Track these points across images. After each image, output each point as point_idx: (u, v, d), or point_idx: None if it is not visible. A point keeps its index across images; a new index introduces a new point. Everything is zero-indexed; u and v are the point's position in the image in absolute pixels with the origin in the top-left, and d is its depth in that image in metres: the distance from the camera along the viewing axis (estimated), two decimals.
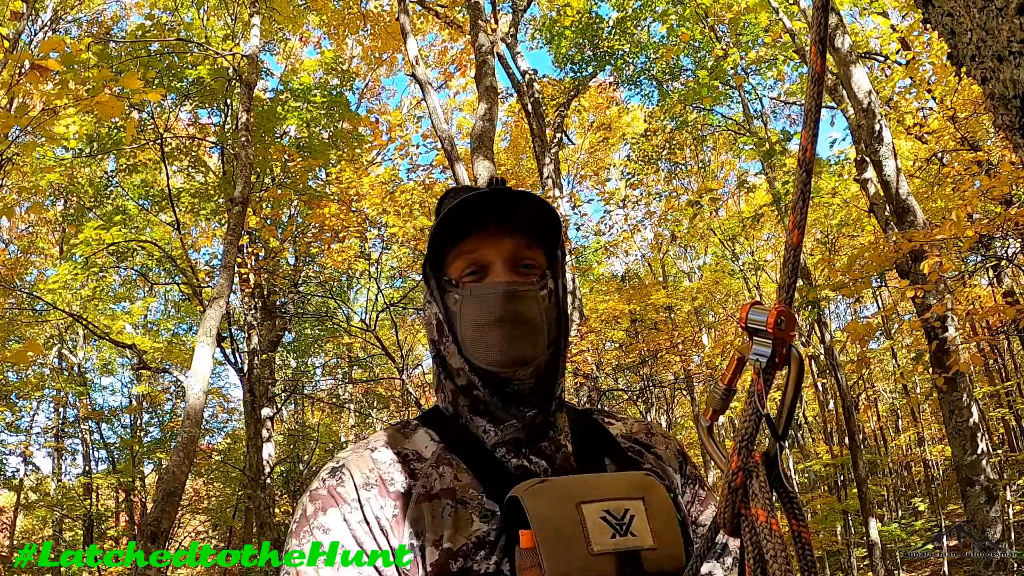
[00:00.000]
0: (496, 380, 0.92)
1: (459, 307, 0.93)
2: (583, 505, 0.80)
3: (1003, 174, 5.96)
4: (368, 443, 0.95)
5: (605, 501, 0.81)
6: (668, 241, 18.10)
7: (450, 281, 0.95)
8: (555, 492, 0.81)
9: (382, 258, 11.00)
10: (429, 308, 0.98)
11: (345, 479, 0.90)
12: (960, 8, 1.17)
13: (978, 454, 5.65)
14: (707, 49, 10.68)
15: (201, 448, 13.40)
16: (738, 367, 0.73)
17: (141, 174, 11.51)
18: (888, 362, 17.27)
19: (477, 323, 0.91)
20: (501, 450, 0.92)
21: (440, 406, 1.00)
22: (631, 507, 0.81)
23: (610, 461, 0.97)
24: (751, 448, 0.66)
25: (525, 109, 11.18)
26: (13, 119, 4.61)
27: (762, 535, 0.63)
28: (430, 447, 0.93)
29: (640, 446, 1.02)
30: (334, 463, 0.93)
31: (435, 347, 0.98)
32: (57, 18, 11.53)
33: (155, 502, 6.50)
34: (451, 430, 0.95)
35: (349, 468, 0.91)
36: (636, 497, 0.82)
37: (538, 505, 0.79)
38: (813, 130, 0.69)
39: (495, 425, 0.93)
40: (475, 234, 0.93)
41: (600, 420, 1.05)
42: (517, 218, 0.93)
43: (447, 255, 0.96)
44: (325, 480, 0.91)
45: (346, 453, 0.94)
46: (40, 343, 13.21)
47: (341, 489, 0.89)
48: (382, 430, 0.99)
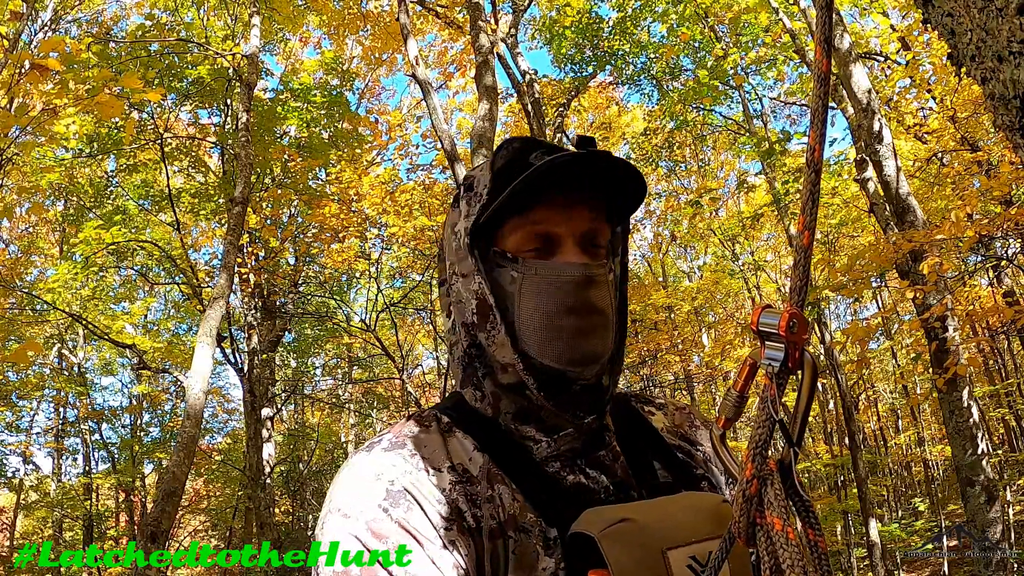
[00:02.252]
0: (561, 380, 0.77)
1: (518, 288, 0.76)
2: (669, 552, 0.71)
3: (1003, 174, 5.96)
4: (415, 455, 0.75)
5: (691, 545, 0.72)
6: (668, 241, 18.11)
7: (505, 255, 0.77)
8: (638, 536, 0.70)
9: (382, 258, 11.01)
10: (465, 285, 0.79)
11: (414, 509, 0.70)
12: (960, 8, 1.17)
13: (978, 454, 5.65)
14: (707, 49, 10.68)
15: (201, 448, 13.40)
16: (750, 373, 0.71)
17: (141, 174, 11.51)
18: (888, 362, 17.28)
19: (545, 310, 0.76)
20: (555, 464, 0.78)
21: (472, 404, 0.82)
22: (715, 549, 0.73)
23: (660, 466, 0.85)
24: (765, 455, 0.64)
25: (525, 109, 11.17)
26: (13, 119, 4.61)
27: (778, 544, 0.61)
28: (476, 460, 0.77)
29: (687, 443, 0.91)
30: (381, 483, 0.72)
31: (470, 335, 0.80)
32: (57, 18, 11.52)
33: (155, 502, 6.50)
34: (494, 439, 0.79)
35: (414, 493, 0.71)
36: (718, 535, 0.72)
37: (621, 555, 0.68)
38: (821, 130, 0.68)
39: (547, 435, 0.79)
40: (546, 202, 0.76)
41: (640, 409, 0.92)
42: (597, 186, 0.78)
43: (504, 223, 0.78)
44: (388, 509, 0.70)
45: (394, 467, 0.73)
46: (40, 343, 13.21)
47: (418, 523, 0.70)
48: (409, 429, 0.79)
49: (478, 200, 0.78)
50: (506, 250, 0.78)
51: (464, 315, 0.80)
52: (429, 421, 0.81)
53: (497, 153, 0.80)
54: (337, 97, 10.98)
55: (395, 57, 14.81)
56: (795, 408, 0.65)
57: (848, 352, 12.55)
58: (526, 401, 0.79)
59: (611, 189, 0.78)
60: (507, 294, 0.77)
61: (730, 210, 16.31)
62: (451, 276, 0.81)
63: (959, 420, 5.72)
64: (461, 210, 0.80)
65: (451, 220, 0.82)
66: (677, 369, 15.11)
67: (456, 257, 0.80)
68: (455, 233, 0.81)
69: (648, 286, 15.28)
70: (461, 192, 0.81)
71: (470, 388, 0.82)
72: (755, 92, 12.08)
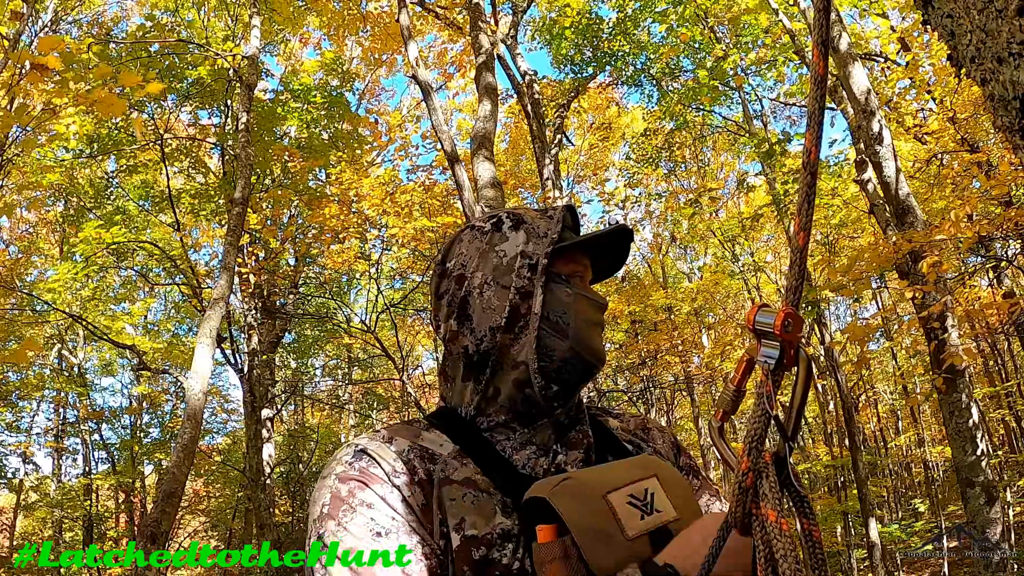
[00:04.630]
0: (586, 370, 0.97)
1: (574, 301, 0.98)
2: (610, 495, 0.83)
3: (1002, 173, 5.97)
4: (381, 435, 0.94)
5: (627, 486, 0.85)
6: (668, 242, 18.12)
7: (562, 276, 0.99)
8: (580, 488, 0.82)
9: (382, 259, 11.01)
10: (499, 294, 0.97)
11: (374, 463, 0.88)
12: (960, 9, 1.17)
13: (978, 455, 5.65)
14: (707, 50, 10.69)
15: (201, 449, 13.39)
16: (747, 369, 0.74)
17: (141, 175, 11.52)
18: (888, 363, 17.28)
19: (588, 320, 0.98)
20: (526, 451, 0.94)
21: (456, 405, 1.00)
22: (649, 485, 0.87)
23: (612, 458, 0.99)
24: (761, 449, 0.67)
25: (525, 110, 11.18)
26: (13, 119, 4.61)
27: (772, 535, 0.64)
28: (445, 446, 0.93)
29: (639, 440, 1.08)
30: (353, 448, 0.91)
31: (493, 336, 0.96)
32: (57, 19, 11.53)
33: (155, 502, 6.50)
34: (468, 435, 0.95)
35: (373, 454, 0.89)
36: (650, 475, 0.88)
37: (569, 505, 0.80)
38: (817, 132, 0.69)
39: (524, 425, 0.95)
40: (583, 251, 1.03)
41: (597, 415, 1.09)
42: (605, 253, 1.07)
43: (559, 257, 1.01)
44: (352, 463, 0.89)
45: (362, 441, 0.93)
46: (40, 343, 13.21)
47: (374, 470, 0.88)
48: (388, 426, 0.97)
49: (543, 237, 0.99)
50: (562, 274, 1.00)
51: (492, 319, 0.96)
52: (412, 422, 0.99)
53: (551, 211, 1.05)
54: (337, 98, 10.99)
55: (395, 58, 14.82)
56: (790, 403, 0.68)
57: (848, 353, 12.55)
58: (521, 394, 0.95)
59: (612, 260, 1.09)
60: (564, 304, 0.97)
61: (730, 211, 16.30)
62: (483, 285, 0.98)
63: (959, 421, 5.72)
64: (516, 238, 1.00)
65: (493, 241, 1.00)
66: (677, 370, 15.10)
67: (497, 272, 0.98)
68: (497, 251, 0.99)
69: (648, 287, 15.28)
70: (508, 224, 1.02)
71: (471, 383, 0.98)
72: (755, 93, 12.09)
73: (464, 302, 0.98)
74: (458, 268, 1.00)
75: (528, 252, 0.98)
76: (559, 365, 0.95)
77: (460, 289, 0.99)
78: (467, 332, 0.97)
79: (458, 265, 1.00)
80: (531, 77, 10.86)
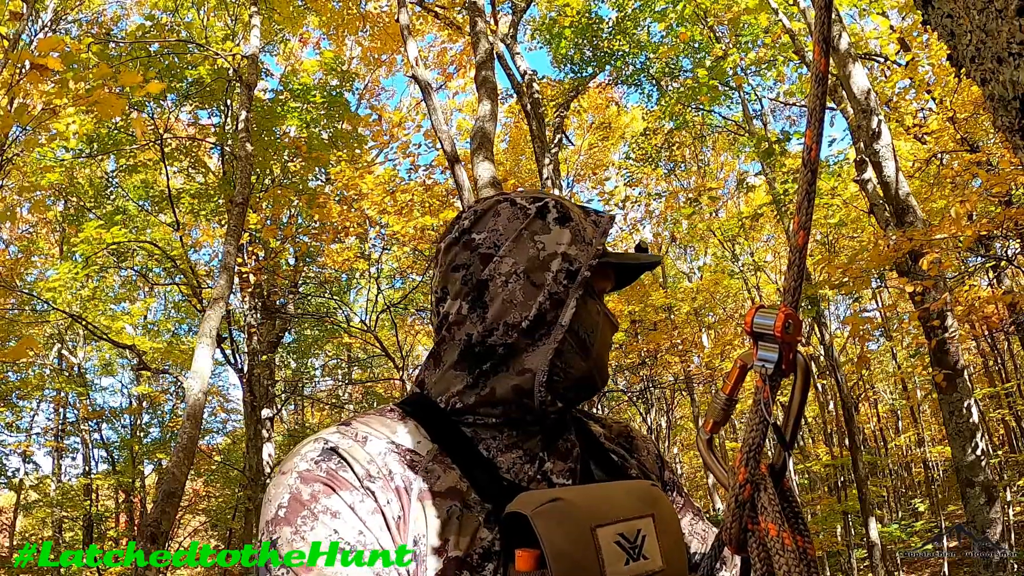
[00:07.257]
0: (595, 393, 0.95)
1: (601, 319, 0.94)
2: (598, 530, 0.76)
3: (1003, 172, 5.97)
4: (353, 432, 0.83)
5: (619, 523, 0.78)
6: (667, 242, 18.11)
7: (595, 292, 0.95)
8: (568, 514, 0.75)
9: (382, 258, 11.01)
10: (527, 292, 0.87)
11: (344, 466, 0.78)
12: (960, 9, 1.17)
13: (978, 455, 5.65)
14: (706, 50, 10.69)
15: (201, 448, 13.39)
16: (740, 376, 0.70)
17: (141, 174, 11.52)
18: (888, 363, 17.29)
19: (607, 343, 0.96)
20: (511, 455, 0.87)
21: (431, 393, 0.91)
22: (643, 527, 0.79)
23: (595, 466, 0.94)
24: (758, 459, 0.64)
25: (524, 110, 11.17)
26: (13, 119, 4.61)
27: (774, 550, 0.60)
28: (424, 444, 0.85)
29: (623, 450, 1.03)
30: (321, 444, 0.81)
31: (506, 334, 0.87)
32: (57, 18, 11.53)
33: (155, 502, 6.50)
34: (446, 430, 0.87)
35: (344, 454, 0.80)
36: (647, 515, 0.81)
37: (552, 532, 0.73)
38: (818, 129, 0.68)
39: (513, 428, 0.88)
40: (610, 271, 1.00)
41: (582, 419, 1.03)
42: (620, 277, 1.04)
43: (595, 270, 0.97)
44: (319, 462, 0.78)
45: (332, 437, 0.82)
46: (40, 343, 13.22)
47: (344, 474, 0.78)
48: (360, 418, 0.87)
49: (588, 245, 0.93)
50: (596, 289, 0.95)
51: (511, 315, 0.87)
52: (385, 411, 0.90)
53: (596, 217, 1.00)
54: (337, 97, 10.98)
55: (394, 58, 14.82)
56: (787, 410, 0.65)
57: (848, 352, 12.55)
58: (518, 401, 0.87)
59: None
60: (593, 322, 0.92)
61: (730, 211, 16.31)
62: (511, 275, 0.88)
63: (959, 421, 5.72)
64: (560, 235, 0.91)
65: (533, 228, 0.91)
66: (677, 370, 15.11)
67: (531, 265, 0.89)
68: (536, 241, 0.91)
69: (647, 286, 15.27)
70: (554, 215, 0.93)
71: (464, 374, 0.89)
72: (755, 93, 12.08)
73: (483, 285, 0.88)
74: (488, 245, 0.89)
75: (571, 257, 0.90)
76: (573, 383, 0.89)
77: (483, 269, 0.88)
78: (476, 320, 0.88)
79: (489, 242, 0.90)
80: (531, 77, 10.85)
